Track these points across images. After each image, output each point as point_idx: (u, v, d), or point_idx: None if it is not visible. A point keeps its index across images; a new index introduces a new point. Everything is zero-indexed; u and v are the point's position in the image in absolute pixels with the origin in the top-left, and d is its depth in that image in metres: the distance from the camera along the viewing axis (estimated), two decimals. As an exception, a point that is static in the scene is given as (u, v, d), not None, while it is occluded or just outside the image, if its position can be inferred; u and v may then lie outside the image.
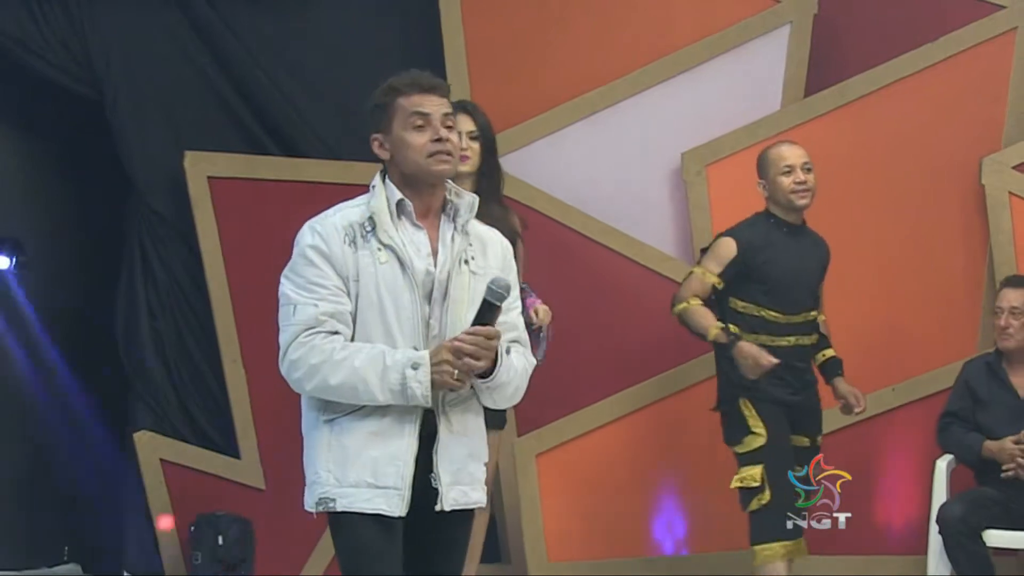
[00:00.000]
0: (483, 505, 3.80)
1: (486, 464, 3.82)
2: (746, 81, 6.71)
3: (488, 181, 5.36)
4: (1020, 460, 5.92)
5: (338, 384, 3.56)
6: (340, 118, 6.82)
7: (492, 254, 3.75)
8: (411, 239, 3.62)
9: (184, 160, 6.61)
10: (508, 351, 3.64)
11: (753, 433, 5.75)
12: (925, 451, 6.41)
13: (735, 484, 5.79)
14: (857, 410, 5.97)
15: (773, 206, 5.85)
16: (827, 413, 6.39)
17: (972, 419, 6.15)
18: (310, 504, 3.67)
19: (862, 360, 6.54)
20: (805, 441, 5.88)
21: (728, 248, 5.79)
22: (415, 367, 3.52)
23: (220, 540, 6.41)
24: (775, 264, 5.76)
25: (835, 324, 6.48)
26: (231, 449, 6.73)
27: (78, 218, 7.02)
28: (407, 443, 3.60)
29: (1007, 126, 6.60)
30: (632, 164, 6.76)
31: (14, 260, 6.61)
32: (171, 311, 6.77)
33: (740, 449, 5.79)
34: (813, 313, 5.91)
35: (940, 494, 6.11)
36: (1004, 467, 5.95)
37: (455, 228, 3.67)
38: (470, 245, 3.70)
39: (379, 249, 3.59)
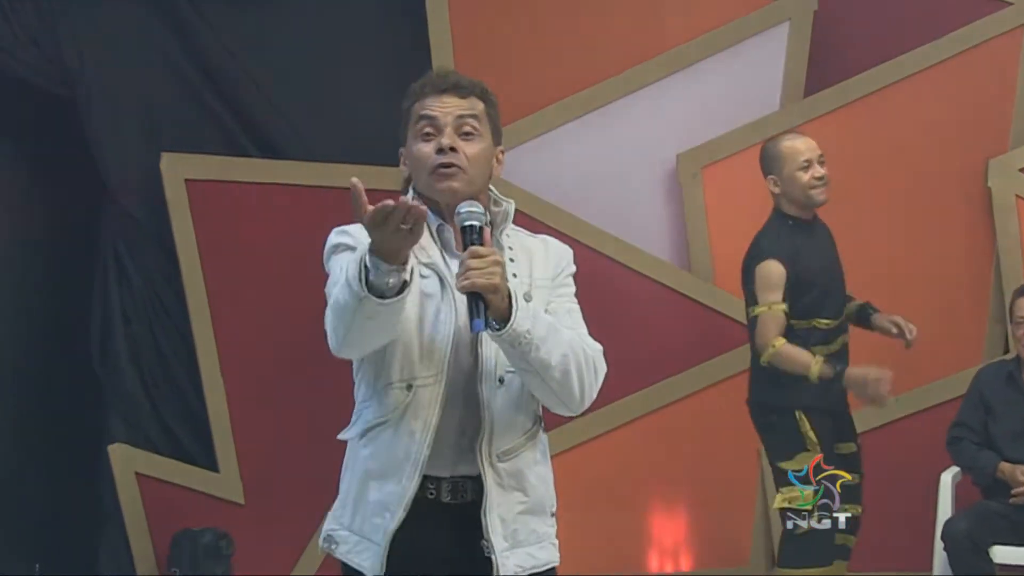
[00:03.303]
0: (556, 564, 3.35)
1: (555, 514, 3.37)
2: (744, 80, 6.69)
3: None
4: None
5: (331, 311, 3.09)
6: (322, 119, 6.81)
7: (540, 263, 3.30)
8: (454, 268, 3.13)
9: (160, 162, 6.58)
10: (529, 299, 3.16)
11: (807, 451, 5.62)
12: (930, 464, 6.36)
13: (780, 504, 5.65)
14: (909, 336, 5.75)
15: (787, 204, 5.70)
16: None
17: (983, 430, 6.13)
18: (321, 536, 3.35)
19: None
20: (853, 447, 5.82)
21: (778, 272, 5.58)
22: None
23: (199, 557, 6.39)
24: (811, 271, 5.63)
25: None
26: (209, 462, 6.70)
27: (50, 221, 6.97)
28: (403, 488, 3.17)
29: (1014, 127, 6.58)
30: (626, 166, 6.75)
31: (-16, 264, 6.56)
32: (147, 318, 6.75)
33: (790, 466, 5.60)
34: (848, 310, 5.84)
35: (945, 509, 6.10)
36: (1013, 491, 5.96)
37: (491, 243, 3.15)
38: (511, 260, 3.24)
39: (420, 264, 3.17)
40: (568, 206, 6.66)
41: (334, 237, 3.28)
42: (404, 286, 3.00)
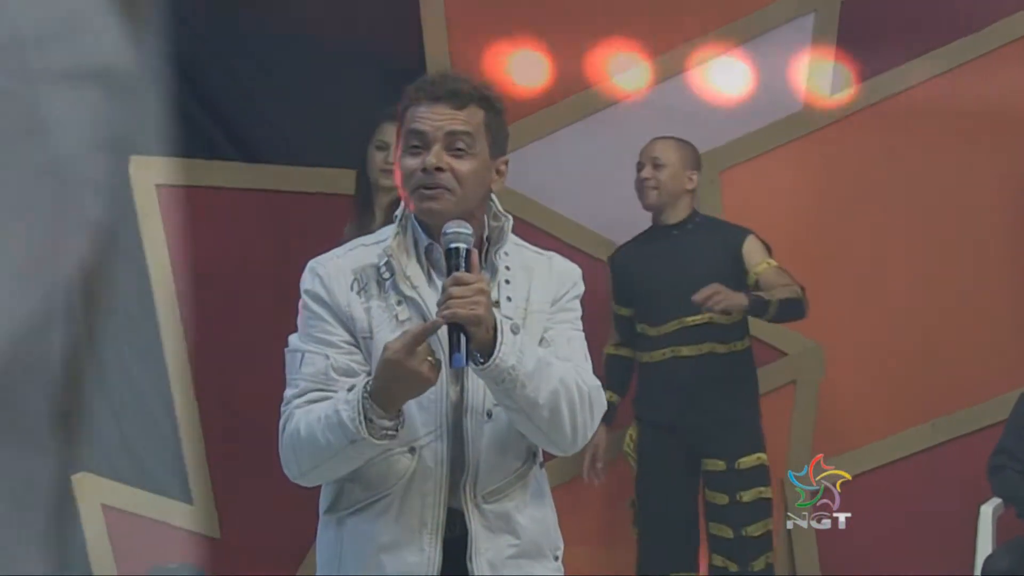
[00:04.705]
0: None
1: (559, 556, 3.31)
2: (764, 77, 6.61)
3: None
4: None
5: (300, 445, 3.11)
6: (307, 119, 6.71)
7: (540, 285, 3.23)
8: (439, 293, 3.10)
9: (129, 165, 6.45)
10: (517, 331, 3.08)
11: (632, 459, 6.08)
12: (968, 495, 6.29)
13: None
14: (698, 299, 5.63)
15: None
16: (859, 452, 6.51)
17: (1029, 458, 5.97)
18: None
19: (895, 391, 6.57)
20: (720, 465, 5.92)
21: (609, 276, 6.14)
22: (350, 389, 3.06)
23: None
24: (644, 277, 5.97)
25: (864, 350, 6.55)
26: (182, 493, 6.60)
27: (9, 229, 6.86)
28: (427, 557, 3.12)
29: (1061, 127, 6.45)
30: (635, 171, 6.45)
31: (-63, 278, 6.41)
32: (114, 336, 6.52)
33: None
34: (693, 318, 5.86)
35: (985, 544, 6.02)
36: None
37: (484, 264, 3.15)
38: (507, 282, 3.20)
39: (398, 303, 3.13)
40: (572, 214, 6.60)
41: (306, 279, 3.22)
42: (396, 429, 3.03)
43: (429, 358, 2.98)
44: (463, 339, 2.98)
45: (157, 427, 6.64)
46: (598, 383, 3.22)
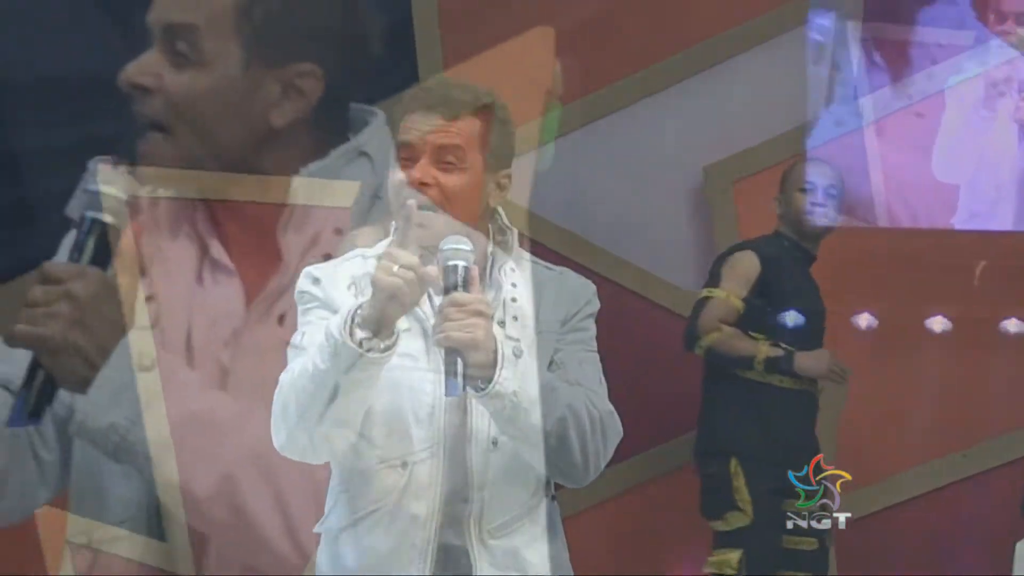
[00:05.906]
0: None
1: None
2: (782, 80, 6.58)
3: None
4: None
5: (293, 378, 2.98)
6: None
7: (549, 302, 3.17)
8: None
9: (97, 175, 6.10)
10: (519, 354, 3.07)
11: (738, 509, 5.86)
12: (1002, 530, 6.21)
13: (708, 569, 5.89)
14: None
15: (785, 226, 6.09)
16: (885, 484, 6.47)
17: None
18: None
19: (923, 420, 6.52)
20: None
21: (751, 265, 5.99)
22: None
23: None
24: (796, 293, 5.93)
25: (888, 375, 6.54)
26: (154, 529, 6.27)
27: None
28: None
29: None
30: (643, 181, 6.62)
31: None
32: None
33: (719, 527, 5.91)
34: None
35: None
36: None
37: (489, 280, 3.14)
38: (513, 300, 3.15)
39: None
40: (576, 227, 6.55)
41: (302, 282, 3.19)
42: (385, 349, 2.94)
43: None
44: (460, 365, 2.93)
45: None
46: (611, 408, 3.15)
